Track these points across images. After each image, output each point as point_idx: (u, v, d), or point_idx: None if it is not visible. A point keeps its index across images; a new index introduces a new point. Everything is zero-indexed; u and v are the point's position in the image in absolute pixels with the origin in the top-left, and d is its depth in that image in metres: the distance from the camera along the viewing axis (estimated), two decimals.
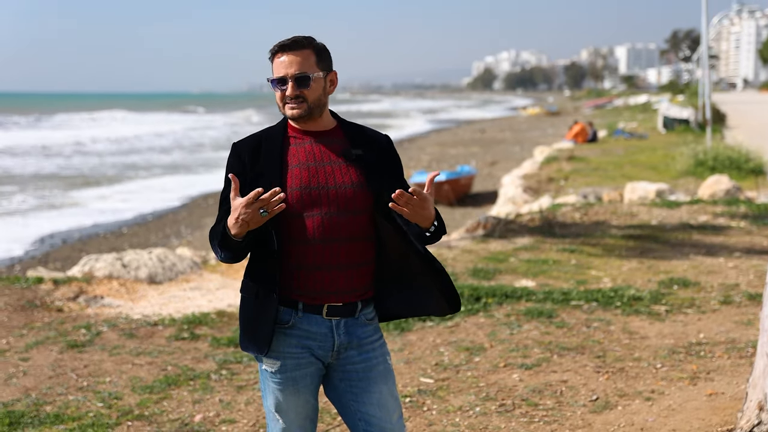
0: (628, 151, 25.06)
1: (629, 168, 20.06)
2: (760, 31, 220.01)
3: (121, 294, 8.09)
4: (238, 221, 2.80)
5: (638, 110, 61.90)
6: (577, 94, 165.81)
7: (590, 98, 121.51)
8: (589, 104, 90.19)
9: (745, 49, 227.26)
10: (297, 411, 3.08)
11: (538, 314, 6.94)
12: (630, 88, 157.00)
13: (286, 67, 2.95)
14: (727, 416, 4.64)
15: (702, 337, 6.33)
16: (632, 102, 79.89)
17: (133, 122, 69.27)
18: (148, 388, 5.42)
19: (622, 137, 30.97)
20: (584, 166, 20.89)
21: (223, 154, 37.54)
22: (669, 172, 18.69)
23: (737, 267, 8.85)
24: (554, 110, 77.62)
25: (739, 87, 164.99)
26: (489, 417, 4.84)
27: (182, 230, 17.60)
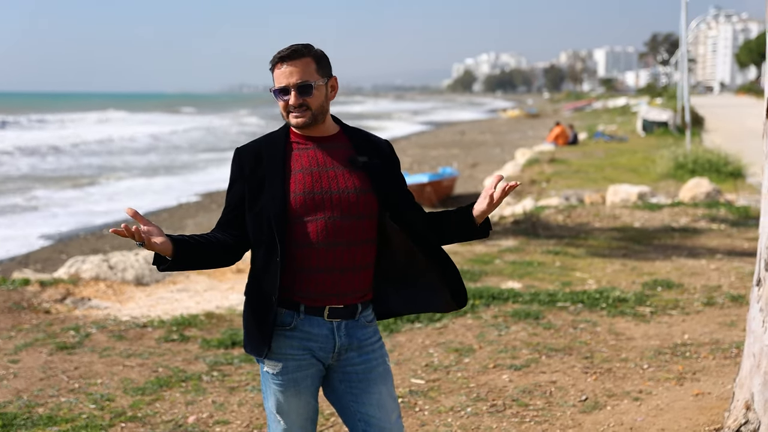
0: (608, 153, 25.25)
1: (610, 170, 20.23)
2: (736, 36, 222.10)
3: (108, 296, 8.09)
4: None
5: (617, 113, 62.31)
6: (556, 96, 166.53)
7: (569, 101, 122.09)
8: (569, 107, 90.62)
9: (721, 53, 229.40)
10: (298, 412, 3.12)
11: (525, 316, 7.01)
12: (609, 91, 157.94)
13: (288, 77, 2.99)
14: (714, 416, 4.72)
15: (687, 338, 6.42)
16: (611, 105, 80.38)
17: (123, 123, 69.09)
18: (140, 389, 5.44)
19: (602, 140, 31.19)
20: (565, 169, 21.03)
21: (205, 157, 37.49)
22: (649, 174, 18.86)
23: (719, 269, 8.97)
24: (534, 112, 78.01)
25: (716, 90, 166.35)
26: (480, 417, 4.90)
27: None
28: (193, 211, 20.20)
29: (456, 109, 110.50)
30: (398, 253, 3.12)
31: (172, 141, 48.99)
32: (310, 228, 2.97)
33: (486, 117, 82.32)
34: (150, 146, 44.80)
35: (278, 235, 2.97)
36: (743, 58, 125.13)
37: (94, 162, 34.60)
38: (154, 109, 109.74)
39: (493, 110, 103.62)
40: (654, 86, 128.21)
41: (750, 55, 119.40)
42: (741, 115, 50.25)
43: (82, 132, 54.34)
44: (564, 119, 52.19)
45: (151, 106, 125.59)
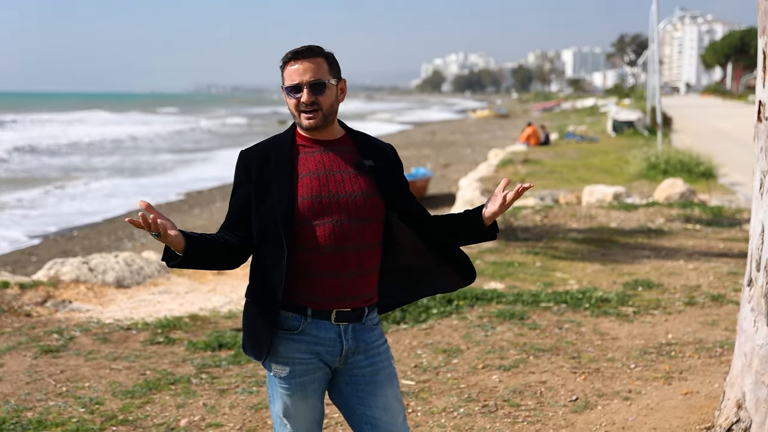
0: (580, 154, 25.43)
1: (583, 171, 20.37)
2: (702, 37, 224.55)
3: (89, 298, 8.03)
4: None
5: (586, 113, 62.74)
6: (525, 96, 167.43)
7: (538, 101, 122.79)
8: (538, 107, 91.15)
9: (687, 54, 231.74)
10: (305, 416, 3.12)
11: (510, 316, 7.05)
12: (577, 92, 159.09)
13: (301, 75, 2.98)
14: (703, 414, 4.77)
15: (671, 337, 6.49)
16: (580, 105, 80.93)
17: (102, 123, 68.65)
18: (129, 392, 5.40)
19: (573, 140, 31.40)
20: (539, 169, 21.15)
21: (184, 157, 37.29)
22: (623, 175, 19.02)
23: (697, 269, 9.07)
24: (503, 113, 78.39)
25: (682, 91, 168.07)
26: (473, 418, 4.92)
27: (135, 233, 17.42)
28: (166, 212, 20.09)
29: (426, 110, 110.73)
30: (405, 252, 3.14)
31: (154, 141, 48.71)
32: (318, 232, 2.97)
33: (456, 117, 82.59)
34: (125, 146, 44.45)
35: (285, 239, 2.96)
36: (709, 59, 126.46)
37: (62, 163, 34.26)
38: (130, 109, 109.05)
39: (463, 110, 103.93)
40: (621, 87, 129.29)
41: (715, 56, 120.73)
42: (707, 115, 50.85)
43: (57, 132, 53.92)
44: (534, 120, 52.51)
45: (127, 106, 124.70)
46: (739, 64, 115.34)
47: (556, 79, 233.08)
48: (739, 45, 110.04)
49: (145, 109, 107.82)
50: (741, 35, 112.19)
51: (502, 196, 3.10)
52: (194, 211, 20.22)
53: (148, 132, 56.85)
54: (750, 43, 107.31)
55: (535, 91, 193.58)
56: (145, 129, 60.05)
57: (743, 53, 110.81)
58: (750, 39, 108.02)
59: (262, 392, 5.41)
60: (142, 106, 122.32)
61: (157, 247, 14.15)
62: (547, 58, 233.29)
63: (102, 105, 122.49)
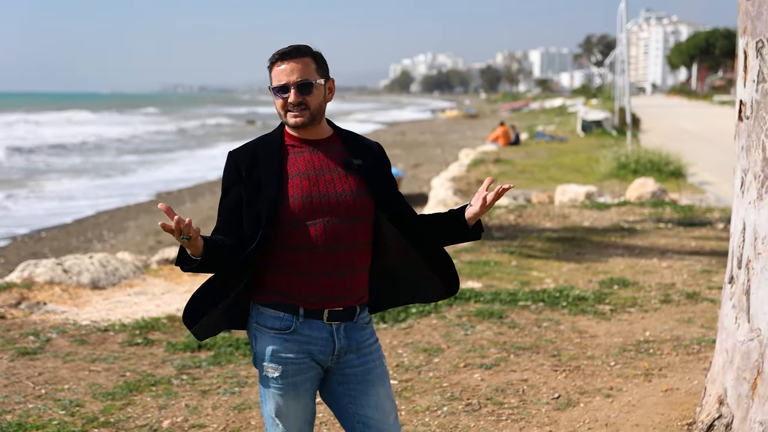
0: (551, 153, 25.59)
1: (554, 170, 20.49)
2: (667, 38, 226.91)
3: (64, 300, 7.94)
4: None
5: (554, 113, 63.13)
6: (493, 96, 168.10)
7: (506, 101, 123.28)
8: (506, 107, 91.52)
9: (653, 55, 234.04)
10: (297, 415, 3.12)
11: (488, 315, 7.08)
12: (544, 92, 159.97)
13: (288, 75, 2.98)
14: (684, 411, 4.83)
15: (648, 335, 6.55)
16: (548, 105, 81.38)
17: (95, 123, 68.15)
18: (110, 394, 5.35)
19: (543, 140, 31.58)
20: (511, 169, 21.25)
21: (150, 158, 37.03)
22: (593, 174, 19.16)
23: (671, 267, 9.16)
24: (472, 113, 78.63)
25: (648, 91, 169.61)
26: (457, 416, 4.94)
27: (105, 234, 17.26)
28: (134, 213, 19.92)
29: (395, 110, 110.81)
30: (392, 252, 3.14)
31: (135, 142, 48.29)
32: (309, 232, 2.97)
33: (425, 117, 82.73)
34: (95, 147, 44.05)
35: (270, 239, 2.95)
36: (674, 60, 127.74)
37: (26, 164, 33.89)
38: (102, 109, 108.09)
39: (433, 110, 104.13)
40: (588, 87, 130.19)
41: (681, 57, 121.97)
42: (674, 115, 51.39)
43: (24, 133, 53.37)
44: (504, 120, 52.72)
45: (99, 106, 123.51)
46: (704, 65, 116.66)
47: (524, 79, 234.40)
48: (704, 46, 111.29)
49: (121, 110, 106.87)
50: (706, 36, 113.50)
51: (483, 197, 3.10)
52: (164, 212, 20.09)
53: (142, 132, 56.48)
54: (715, 44, 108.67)
55: (503, 91, 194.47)
56: (130, 129, 59.66)
57: (708, 54, 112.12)
58: (714, 40, 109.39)
59: (244, 393, 5.39)
60: (118, 107, 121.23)
61: (129, 247, 14.06)
62: (515, 59, 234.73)
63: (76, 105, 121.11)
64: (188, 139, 52.69)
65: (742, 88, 4.27)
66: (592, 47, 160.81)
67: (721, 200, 14.93)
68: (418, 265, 3.18)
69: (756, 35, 4.10)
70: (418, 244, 3.15)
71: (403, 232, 3.11)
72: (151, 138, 52.94)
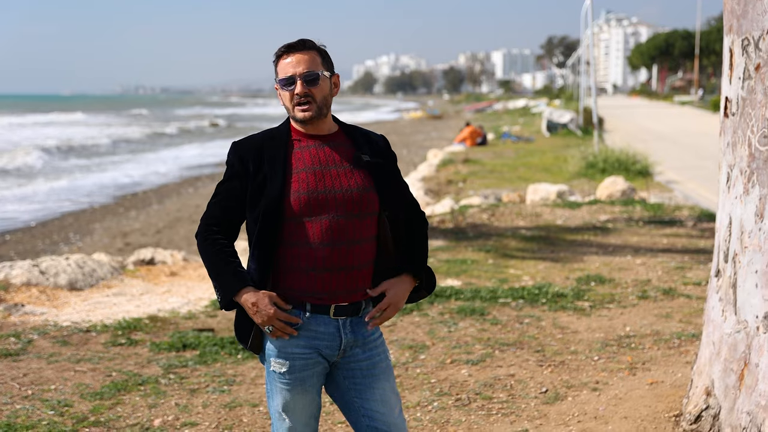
0: (518, 153, 25.78)
1: (523, 170, 20.67)
2: (627, 39, 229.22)
3: (42, 301, 7.88)
4: (255, 315, 2.99)
5: (518, 114, 63.55)
6: (456, 98, 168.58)
7: (470, 102, 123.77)
8: (470, 108, 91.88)
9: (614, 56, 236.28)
10: (303, 410, 3.14)
11: (470, 312, 7.14)
12: (507, 93, 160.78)
13: (294, 67, 3.01)
14: (670, 403, 4.91)
15: (629, 330, 6.65)
16: (511, 106, 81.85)
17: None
18: (98, 394, 5.33)
19: (510, 140, 31.80)
20: (480, 169, 21.39)
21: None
22: (562, 173, 19.35)
23: (645, 264, 9.29)
24: (437, 114, 78.81)
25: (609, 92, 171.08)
26: (448, 411, 4.99)
27: (71, 236, 17.08)
28: (100, 215, 19.71)
29: (359, 111, 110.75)
30: (388, 250, 3.16)
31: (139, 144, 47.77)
32: (315, 227, 2.99)
33: (390, 118, 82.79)
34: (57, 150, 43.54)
35: (274, 234, 2.99)
36: (635, 61, 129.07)
37: None
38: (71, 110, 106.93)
39: (397, 111, 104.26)
40: (551, 88, 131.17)
41: (641, 58, 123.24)
42: (636, 115, 51.98)
43: None
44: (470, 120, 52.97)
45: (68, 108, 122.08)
46: (664, 66, 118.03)
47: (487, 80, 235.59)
48: (664, 47, 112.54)
49: (119, 112, 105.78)
50: (665, 37, 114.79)
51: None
52: (130, 214, 19.91)
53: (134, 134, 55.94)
54: (674, 44, 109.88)
55: (466, 92, 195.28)
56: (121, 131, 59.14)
57: (668, 55, 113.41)
58: (674, 41, 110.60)
59: (233, 391, 5.40)
60: (112, 109, 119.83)
61: (97, 250, 13.91)
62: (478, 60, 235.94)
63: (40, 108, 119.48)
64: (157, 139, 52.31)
65: (727, 85, 4.36)
66: (553, 48, 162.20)
67: (689, 198, 15.16)
68: (402, 263, 3.20)
69: (742, 33, 4.19)
70: (406, 247, 3.18)
71: (397, 228, 3.15)
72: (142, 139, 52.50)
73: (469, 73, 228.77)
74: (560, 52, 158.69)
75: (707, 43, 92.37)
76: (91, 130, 59.95)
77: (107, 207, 21.35)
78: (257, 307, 2.97)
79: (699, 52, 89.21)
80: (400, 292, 3.14)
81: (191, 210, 19.51)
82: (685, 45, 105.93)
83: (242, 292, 2.98)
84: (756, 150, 4.11)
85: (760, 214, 4.11)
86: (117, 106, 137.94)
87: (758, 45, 4.08)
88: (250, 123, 69.59)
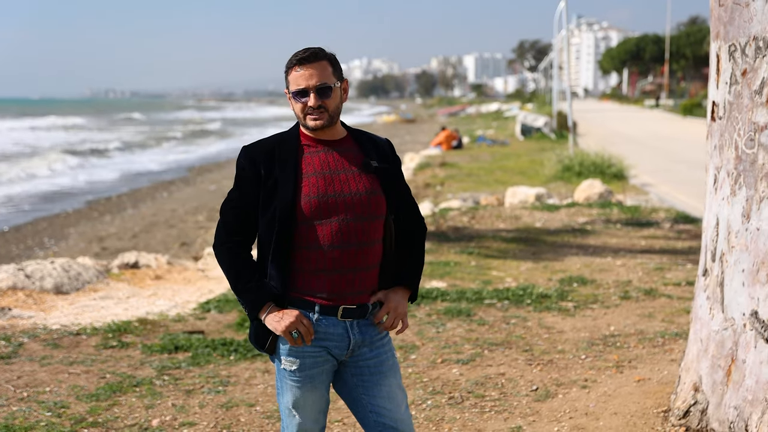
0: (494, 157, 25.96)
1: (500, 173, 20.83)
2: (598, 43, 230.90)
3: (29, 305, 7.89)
4: (278, 324, 3.07)
5: (491, 118, 63.88)
6: (429, 101, 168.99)
7: (442, 106, 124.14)
8: (443, 112, 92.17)
9: (585, 60, 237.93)
10: (312, 406, 3.23)
11: (457, 313, 7.25)
12: (479, 96, 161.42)
13: (307, 79, 3.08)
14: (658, 399, 5.04)
15: (613, 329, 6.78)
16: (484, 110, 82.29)
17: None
18: (94, 395, 5.37)
19: (485, 144, 31.99)
20: (457, 172, 21.52)
21: None
22: (538, 177, 19.53)
23: (625, 265, 9.45)
24: (410, 117, 78.95)
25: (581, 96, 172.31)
26: (442, 409, 5.09)
27: (45, 241, 16.98)
28: (74, 220, 19.59)
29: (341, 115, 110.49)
30: (391, 252, 3.27)
31: None
32: (324, 230, 3.08)
33: (364, 122, 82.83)
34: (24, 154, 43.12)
35: (288, 238, 3.07)
36: (606, 65, 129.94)
37: None
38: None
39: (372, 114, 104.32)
40: (522, 92, 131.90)
41: (612, 62, 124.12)
42: (607, 119, 52.46)
43: None
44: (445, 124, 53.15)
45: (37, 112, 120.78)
46: (635, 70, 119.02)
47: (459, 84, 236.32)
48: (635, 51, 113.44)
49: (110, 116, 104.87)
50: (636, 42, 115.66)
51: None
52: (105, 218, 19.81)
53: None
54: (645, 49, 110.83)
55: (438, 96, 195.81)
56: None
57: (638, 59, 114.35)
58: (644, 45, 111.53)
59: (229, 392, 5.46)
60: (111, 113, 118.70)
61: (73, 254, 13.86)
62: (450, 64, 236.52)
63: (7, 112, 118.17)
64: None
65: (714, 89, 4.50)
66: (525, 52, 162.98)
67: (664, 201, 15.37)
68: (403, 266, 3.32)
69: (728, 39, 4.33)
70: (403, 254, 3.30)
71: (399, 231, 3.28)
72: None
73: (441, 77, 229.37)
74: (532, 56, 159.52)
75: (677, 48, 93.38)
76: (102, 134, 59.64)
77: (81, 212, 21.20)
78: (282, 313, 3.07)
79: (669, 57, 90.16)
80: (398, 298, 3.27)
81: (167, 214, 19.45)
82: (656, 49, 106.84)
83: (266, 308, 3.09)
84: (743, 152, 4.24)
85: (747, 214, 4.25)
86: (101, 110, 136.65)
87: (744, 51, 4.21)
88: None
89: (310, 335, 3.08)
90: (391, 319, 3.24)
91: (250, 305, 3.10)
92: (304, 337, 3.08)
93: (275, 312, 3.08)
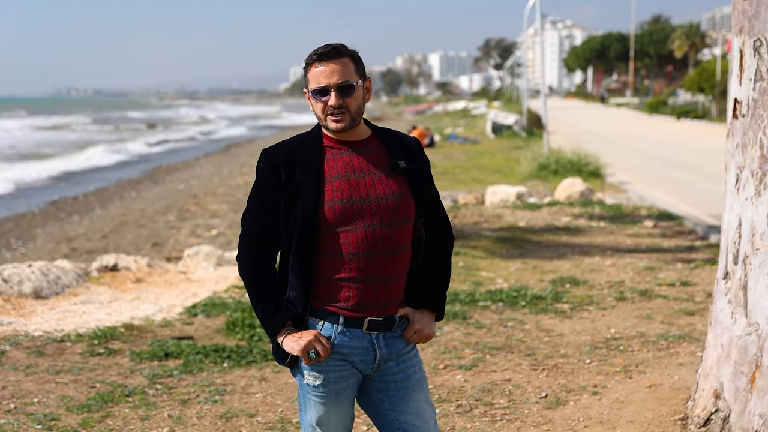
0: (468, 155, 25.88)
1: (476, 172, 20.73)
2: (562, 42, 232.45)
3: (7, 310, 7.59)
4: (296, 344, 2.89)
5: (459, 116, 63.95)
6: (395, 99, 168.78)
7: (408, 104, 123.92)
8: (410, 110, 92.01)
9: (549, 58, 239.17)
10: (337, 423, 3.04)
11: (452, 316, 7.07)
12: (445, 95, 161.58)
13: (328, 77, 2.87)
14: (673, 406, 4.90)
15: (614, 332, 6.64)
16: (451, 108, 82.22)
17: None
18: (85, 406, 5.12)
19: (456, 142, 31.91)
20: (432, 171, 21.35)
21: None
22: (514, 175, 19.45)
23: (615, 265, 9.34)
24: (376, 116, 78.75)
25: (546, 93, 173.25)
26: (451, 418, 4.91)
27: (12, 242, 16.57)
28: (41, 220, 19.14)
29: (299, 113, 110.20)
30: (419, 257, 3.07)
31: None
32: (349, 237, 2.88)
33: None
34: None
35: (311, 245, 2.87)
36: (571, 63, 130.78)
37: None
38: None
39: None
40: (488, 90, 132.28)
41: (577, 60, 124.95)
42: (574, 117, 52.79)
43: None
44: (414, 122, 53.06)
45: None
46: (600, 68, 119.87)
47: (425, 82, 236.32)
48: (599, 49, 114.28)
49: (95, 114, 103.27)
50: (601, 40, 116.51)
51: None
52: (73, 219, 19.38)
53: None
54: (609, 47, 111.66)
55: (404, 94, 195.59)
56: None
57: (603, 57, 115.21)
58: (609, 44, 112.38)
59: (226, 401, 5.24)
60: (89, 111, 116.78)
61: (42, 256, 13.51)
62: (415, 62, 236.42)
63: None
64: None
65: (737, 86, 4.35)
66: (490, 51, 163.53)
67: (644, 199, 15.34)
68: (432, 272, 3.12)
69: (753, 34, 4.19)
70: (429, 251, 3.10)
71: (429, 236, 3.07)
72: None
73: (406, 75, 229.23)
74: (497, 54, 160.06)
75: (641, 46, 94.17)
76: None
77: (47, 212, 20.75)
78: (300, 334, 2.90)
79: (633, 55, 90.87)
80: (425, 320, 3.09)
81: (136, 214, 19.08)
82: (620, 48, 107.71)
83: (284, 331, 2.91)
84: None
85: None
86: (80, 109, 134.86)
87: None
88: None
89: (327, 352, 2.89)
90: (416, 339, 3.07)
91: (268, 330, 2.94)
92: (321, 355, 2.89)
93: (293, 333, 2.90)
